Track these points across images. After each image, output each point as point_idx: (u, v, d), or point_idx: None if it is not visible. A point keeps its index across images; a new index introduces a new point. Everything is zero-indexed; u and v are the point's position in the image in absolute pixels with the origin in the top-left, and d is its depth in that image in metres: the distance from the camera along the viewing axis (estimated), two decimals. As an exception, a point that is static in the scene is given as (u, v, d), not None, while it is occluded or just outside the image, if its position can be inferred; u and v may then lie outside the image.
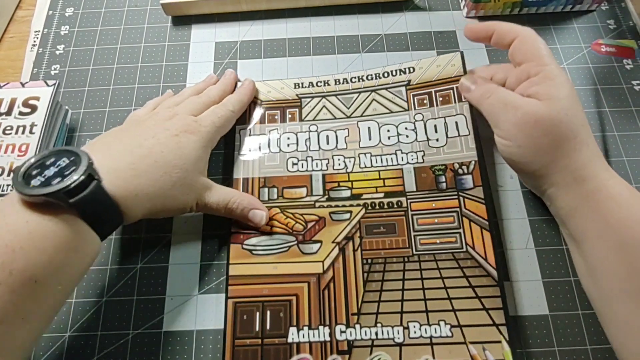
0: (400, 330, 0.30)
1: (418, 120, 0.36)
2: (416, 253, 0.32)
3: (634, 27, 0.42)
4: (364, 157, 0.36)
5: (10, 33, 0.44)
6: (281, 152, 0.36)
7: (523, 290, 0.32)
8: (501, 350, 0.29)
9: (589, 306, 0.32)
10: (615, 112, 0.38)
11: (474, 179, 0.33)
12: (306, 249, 0.33)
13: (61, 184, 0.23)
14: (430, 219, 0.33)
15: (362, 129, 0.36)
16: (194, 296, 0.33)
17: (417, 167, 0.35)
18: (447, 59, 0.37)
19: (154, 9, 0.44)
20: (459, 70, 0.36)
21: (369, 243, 0.33)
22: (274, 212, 0.34)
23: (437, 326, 0.30)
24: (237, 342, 0.30)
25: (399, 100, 0.37)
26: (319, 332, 0.30)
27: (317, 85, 0.39)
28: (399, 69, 0.38)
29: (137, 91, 0.40)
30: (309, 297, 0.31)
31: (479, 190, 0.33)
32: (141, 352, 0.31)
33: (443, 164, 0.34)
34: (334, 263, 0.32)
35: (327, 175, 0.35)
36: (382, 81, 0.38)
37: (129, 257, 0.34)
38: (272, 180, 0.35)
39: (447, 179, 0.34)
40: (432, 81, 0.37)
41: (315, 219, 0.34)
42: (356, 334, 0.30)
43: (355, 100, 0.38)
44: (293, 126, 0.37)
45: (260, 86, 0.39)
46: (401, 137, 0.36)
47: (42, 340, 0.31)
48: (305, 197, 0.35)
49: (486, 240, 0.32)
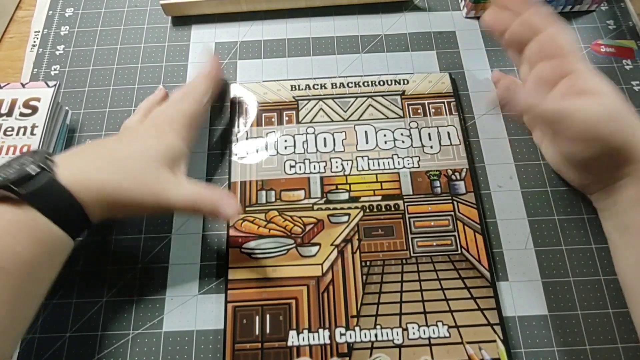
0: (399, 331, 0.30)
1: (413, 128, 0.37)
2: (414, 255, 0.33)
3: (633, 28, 0.42)
4: (362, 160, 0.36)
5: (10, 33, 0.44)
6: (279, 154, 0.36)
7: (523, 290, 0.32)
8: (496, 349, 0.30)
9: (588, 306, 0.32)
10: (615, 113, 0.38)
11: (466, 185, 0.35)
12: (305, 251, 0.33)
13: (6, 174, 0.24)
14: (426, 221, 0.34)
15: (359, 133, 0.37)
16: (194, 296, 0.33)
17: (413, 171, 0.35)
18: (437, 77, 0.39)
19: (153, 9, 0.44)
20: (449, 89, 0.38)
21: (368, 245, 0.33)
22: (272, 214, 0.34)
23: (435, 327, 0.30)
24: (237, 347, 0.30)
25: (395, 107, 0.38)
26: (318, 335, 0.30)
27: (314, 87, 0.39)
28: (394, 79, 0.39)
29: (137, 91, 0.40)
30: (309, 300, 0.31)
31: (471, 195, 0.34)
32: (141, 352, 0.31)
33: (437, 169, 0.35)
34: (333, 265, 0.32)
35: (325, 177, 0.35)
36: (378, 88, 0.39)
37: (129, 257, 0.34)
38: (270, 183, 0.35)
39: (441, 184, 0.35)
40: (425, 94, 0.38)
41: (313, 222, 0.34)
42: (356, 336, 0.30)
43: (352, 105, 0.38)
44: (290, 128, 0.37)
45: (257, 87, 0.39)
46: (397, 142, 0.37)
47: (42, 340, 0.32)
48: (303, 199, 0.35)
49: (479, 242, 0.33)
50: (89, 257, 0.34)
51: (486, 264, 0.32)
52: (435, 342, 0.30)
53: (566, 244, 0.34)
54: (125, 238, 0.35)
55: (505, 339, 0.30)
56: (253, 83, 0.39)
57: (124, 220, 0.35)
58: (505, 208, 0.35)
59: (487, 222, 0.34)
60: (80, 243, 0.34)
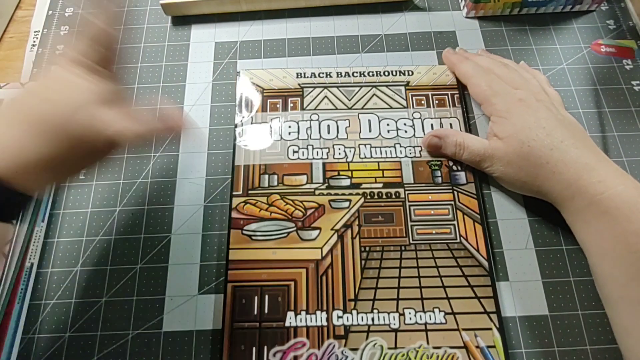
0: (396, 316, 0.31)
1: (416, 118, 0.37)
2: (413, 242, 0.33)
3: (633, 28, 0.42)
4: (364, 147, 0.36)
5: (10, 33, 0.44)
6: (282, 140, 0.37)
7: (523, 290, 0.32)
8: (492, 337, 0.30)
9: (588, 306, 0.32)
10: (615, 113, 0.38)
11: (467, 176, 0.35)
12: (305, 235, 0.33)
13: None
14: (426, 210, 0.34)
15: (363, 121, 0.37)
16: (193, 296, 0.33)
17: (414, 160, 0.36)
18: (442, 69, 0.40)
19: (154, 9, 0.44)
20: (453, 81, 0.39)
21: (367, 231, 0.33)
22: (274, 198, 0.35)
23: (432, 313, 0.31)
24: (236, 325, 0.31)
25: (399, 98, 0.38)
26: (316, 317, 0.31)
27: (319, 76, 0.39)
28: (399, 70, 0.39)
29: (137, 91, 0.40)
30: (307, 283, 0.32)
31: (472, 186, 0.35)
32: (141, 352, 0.31)
33: (439, 160, 0.36)
34: (333, 250, 0.33)
35: (327, 163, 0.36)
36: (382, 79, 0.39)
37: (129, 257, 0.34)
38: (273, 168, 0.36)
39: (442, 174, 0.35)
40: (430, 85, 0.39)
41: (314, 206, 0.34)
42: (353, 319, 0.31)
43: (356, 93, 0.38)
44: (294, 115, 0.38)
45: (263, 74, 0.39)
46: (400, 131, 0.37)
47: (42, 340, 0.32)
48: (305, 184, 0.35)
49: (478, 232, 0.33)
50: (89, 257, 0.34)
51: (484, 253, 0.32)
52: (432, 328, 0.30)
53: (566, 244, 0.34)
54: (125, 238, 0.35)
55: (500, 327, 0.30)
56: (259, 70, 0.40)
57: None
58: (506, 208, 0.35)
59: (488, 222, 0.34)
60: (80, 243, 0.34)
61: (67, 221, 0.35)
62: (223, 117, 0.39)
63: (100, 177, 0.37)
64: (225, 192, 0.36)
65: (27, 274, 0.33)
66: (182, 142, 0.38)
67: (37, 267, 0.34)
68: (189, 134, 0.38)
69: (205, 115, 0.39)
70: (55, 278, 0.33)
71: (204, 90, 0.40)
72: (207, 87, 0.40)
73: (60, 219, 0.35)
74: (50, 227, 0.35)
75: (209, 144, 0.38)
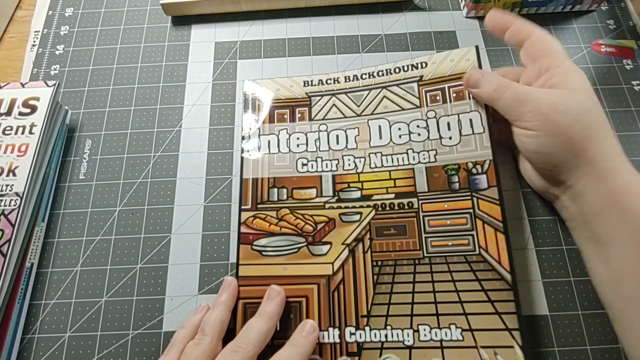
0: (410, 333, 0.30)
1: (430, 118, 0.35)
2: (427, 255, 0.31)
3: (633, 27, 0.42)
4: (375, 156, 0.35)
5: (10, 33, 0.44)
6: (291, 152, 0.36)
7: (523, 290, 0.32)
8: (514, 355, 0.28)
9: (588, 306, 0.32)
10: (615, 112, 0.38)
11: (489, 179, 0.32)
12: (316, 250, 0.32)
13: None
14: (442, 220, 0.32)
15: (373, 128, 0.36)
16: (193, 296, 0.33)
17: (429, 166, 0.34)
18: (462, 53, 0.36)
19: (153, 9, 0.44)
20: (474, 65, 0.35)
21: (379, 245, 0.32)
22: (284, 212, 0.34)
23: (448, 330, 0.29)
24: None
25: (411, 97, 0.36)
26: (328, 333, 0.30)
27: (327, 82, 0.38)
28: (411, 64, 0.37)
29: (136, 91, 0.40)
30: (319, 299, 0.31)
31: (494, 190, 0.31)
32: (141, 352, 0.31)
33: (456, 163, 0.33)
34: (344, 265, 0.32)
35: (337, 176, 0.35)
36: (393, 77, 0.37)
37: (129, 257, 0.34)
38: (282, 181, 0.35)
39: (460, 179, 0.33)
40: (446, 76, 0.35)
41: (325, 220, 0.34)
42: (366, 336, 0.30)
43: (365, 98, 0.37)
44: (302, 126, 0.37)
45: (269, 84, 0.38)
46: (413, 135, 0.35)
47: (42, 340, 0.32)
48: (315, 198, 0.34)
49: (500, 242, 0.30)
50: (89, 257, 0.34)
51: (507, 265, 0.30)
52: (448, 345, 0.29)
53: (566, 244, 0.34)
54: (125, 238, 0.35)
55: (524, 346, 0.28)
56: (266, 79, 0.39)
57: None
58: (506, 208, 0.35)
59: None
60: (80, 243, 0.34)
61: (67, 221, 0.35)
62: (223, 117, 0.39)
63: (100, 177, 0.37)
64: (226, 192, 0.36)
65: (27, 274, 0.33)
66: (182, 142, 0.38)
67: (37, 267, 0.34)
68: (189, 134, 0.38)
69: (205, 115, 0.39)
70: (55, 278, 0.33)
71: (204, 90, 0.40)
72: (207, 87, 0.40)
73: (60, 219, 0.35)
74: (50, 227, 0.35)
75: (209, 144, 0.38)
